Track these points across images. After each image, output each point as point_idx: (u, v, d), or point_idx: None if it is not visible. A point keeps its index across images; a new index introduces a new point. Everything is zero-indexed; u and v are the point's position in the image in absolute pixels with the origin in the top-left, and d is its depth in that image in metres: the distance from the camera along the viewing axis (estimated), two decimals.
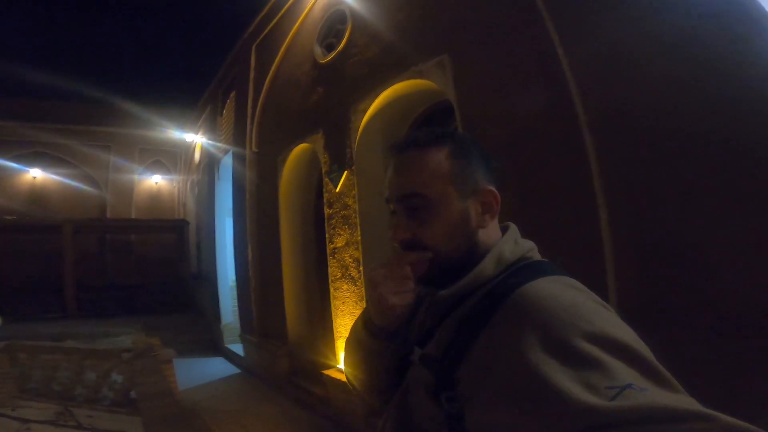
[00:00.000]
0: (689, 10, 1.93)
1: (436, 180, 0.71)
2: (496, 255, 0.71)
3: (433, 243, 0.70)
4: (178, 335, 8.24)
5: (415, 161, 0.73)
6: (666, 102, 1.96)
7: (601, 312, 0.57)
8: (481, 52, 3.15)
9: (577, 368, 0.49)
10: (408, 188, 0.72)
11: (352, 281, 4.40)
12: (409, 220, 0.72)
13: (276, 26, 6.53)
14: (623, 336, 0.53)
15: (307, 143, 5.44)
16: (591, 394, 0.46)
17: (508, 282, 0.65)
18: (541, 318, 0.55)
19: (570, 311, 0.55)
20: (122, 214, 12.93)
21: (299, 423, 4.58)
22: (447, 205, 0.71)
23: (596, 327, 0.53)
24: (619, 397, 0.45)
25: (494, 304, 0.62)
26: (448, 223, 0.71)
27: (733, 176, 1.73)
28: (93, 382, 4.87)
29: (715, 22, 1.86)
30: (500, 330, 0.59)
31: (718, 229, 1.77)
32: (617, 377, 0.47)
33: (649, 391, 0.46)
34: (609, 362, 0.49)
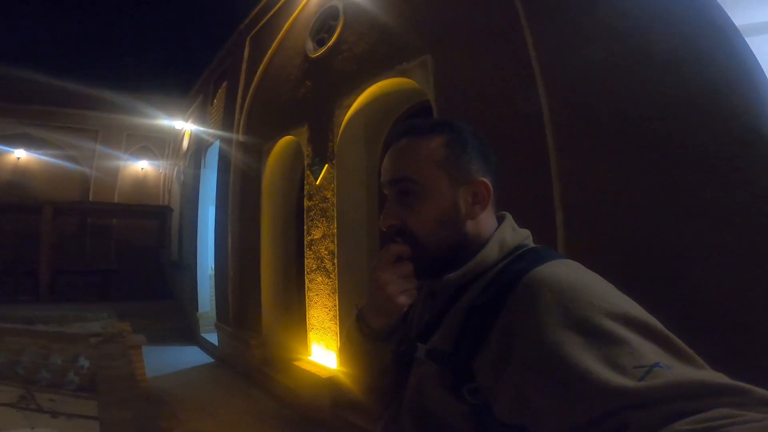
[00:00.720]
0: (653, 25, 1.99)
1: (428, 166, 0.71)
2: (499, 240, 0.70)
3: (420, 230, 0.70)
4: (152, 322, 8.16)
5: (410, 147, 0.73)
6: (626, 109, 2.02)
7: (614, 291, 0.56)
8: (463, 56, 3.20)
9: (602, 347, 0.48)
10: (399, 172, 0.72)
11: (326, 273, 4.41)
12: (399, 206, 0.72)
13: (272, 19, 6.54)
14: (641, 314, 0.52)
15: (293, 136, 5.46)
16: (619, 374, 0.45)
17: (514, 267, 0.64)
18: (559, 298, 0.54)
19: (587, 291, 0.54)
20: (105, 198, 12.74)
21: (267, 413, 4.58)
22: (437, 192, 0.70)
23: (615, 306, 0.52)
24: (648, 377, 0.44)
25: (503, 290, 0.61)
26: (436, 209, 0.70)
27: (684, 178, 1.80)
28: (58, 366, 4.81)
29: (678, 34, 1.92)
30: (516, 316, 0.57)
31: (673, 228, 1.83)
32: (644, 355, 0.47)
33: (675, 368, 0.45)
34: (634, 340, 0.48)
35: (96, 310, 8.32)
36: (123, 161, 13.33)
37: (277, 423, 4.30)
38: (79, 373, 4.69)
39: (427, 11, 3.64)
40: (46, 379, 4.77)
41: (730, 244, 1.64)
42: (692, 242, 1.75)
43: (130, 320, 6.37)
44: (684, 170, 1.80)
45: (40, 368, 4.80)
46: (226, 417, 4.43)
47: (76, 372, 4.71)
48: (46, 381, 4.75)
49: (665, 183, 1.85)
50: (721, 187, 1.69)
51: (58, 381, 4.70)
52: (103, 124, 12.92)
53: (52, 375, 4.77)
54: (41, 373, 4.80)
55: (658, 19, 2.01)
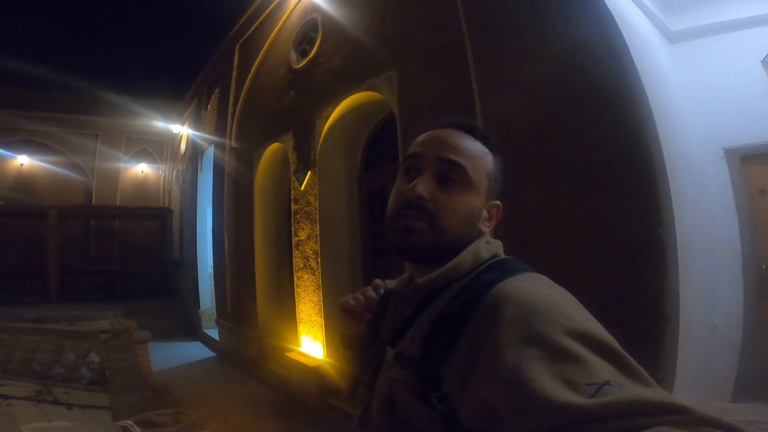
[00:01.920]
0: (570, 61, 2.35)
1: (481, 168, 0.73)
2: (474, 250, 0.71)
3: (447, 215, 0.70)
4: (157, 320, 8.61)
5: (472, 145, 0.74)
6: (537, 128, 2.40)
7: (577, 309, 0.58)
8: (421, 72, 3.55)
9: (558, 363, 0.50)
10: (456, 156, 0.71)
11: (312, 271, 4.81)
12: (436, 185, 0.71)
13: (259, 27, 6.81)
14: (599, 332, 0.54)
15: (280, 143, 5.82)
16: (571, 390, 0.47)
17: (484, 278, 0.66)
18: (522, 314, 0.55)
19: (549, 307, 0.55)
20: (107, 202, 13.15)
21: (263, 402, 5.01)
22: (477, 193, 0.72)
23: (575, 323, 0.54)
24: (599, 394, 0.46)
25: (472, 301, 0.62)
26: (470, 206, 0.71)
27: (574, 189, 2.17)
28: (72, 361, 5.23)
29: (579, 62, 2.29)
30: (481, 328, 0.59)
31: (565, 233, 2.21)
32: (596, 373, 0.48)
33: (626, 387, 0.47)
34: (588, 358, 0.50)
35: (102, 309, 8.76)
36: (123, 164, 13.72)
37: (270, 408, 4.73)
38: (91, 368, 5.10)
39: (392, 29, 3.97)
40: (60, 374, 5.19)
41: (609, 250, 2.01)
42: (584, 247, 2.13)
43: (135, 318, 6.79)
44: (577, 186, 2.18)
45: (55, 364, 5.22)
46: (224, 404, 4.88)
47: (88, 367, 5.12)
48: (61, 376, 5.17)
49: (564, 197, 2.23)
50: (601, 197, 2.07)
51: (72, 376, 5.12)
52: (102, 128, 13.28)
53: (65, 370, 5.19)
54: (56, 368, 5.22)
55: (570, 57, 2.37)
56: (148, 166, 14.31)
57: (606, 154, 2.16)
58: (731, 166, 3.26)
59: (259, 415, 4.54)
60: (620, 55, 2.21)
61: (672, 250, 1.93)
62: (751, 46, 3.20)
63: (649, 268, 1.96)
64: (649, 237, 1.96)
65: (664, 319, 1.90)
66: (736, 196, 3.23)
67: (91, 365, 5.13)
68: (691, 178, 2.79)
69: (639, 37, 2.81)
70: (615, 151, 2.14)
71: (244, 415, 4.53)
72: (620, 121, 2.13)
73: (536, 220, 2.41)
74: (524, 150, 2.52)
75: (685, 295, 2.04)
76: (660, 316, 1.90)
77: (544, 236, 2.35)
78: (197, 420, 4.19)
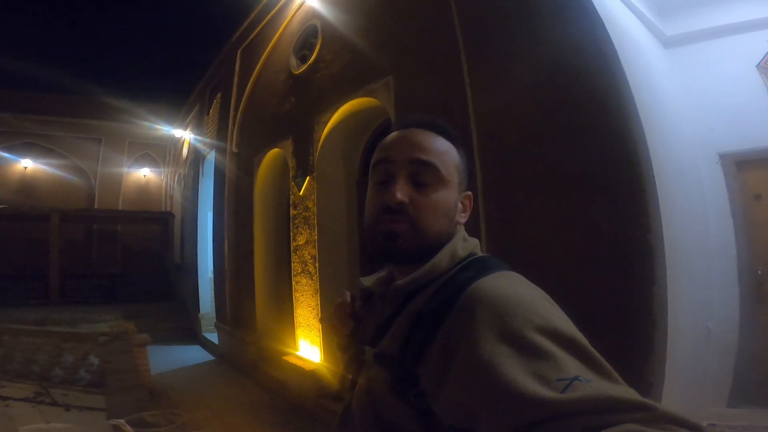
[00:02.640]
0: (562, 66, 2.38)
1: (450, 163, 0.74)
2: (451, 250, 0.72)
3: (426, 213, 0.71)
4: (157, 323, 8.62)
5: (437, 141, 0.75)
6: (529, 137, 2.42)
7: (549, 306, 0.60)
8: (418, 78, 3.58)
9: (530, 359, 0.51)
10: (425, 155, 0.72)
11: (309, 276, 4.83)
12: (411, 187, 0.72)
13: (260, 33, 6.88)
14: (569, 329, 0.55)
15: (279, 148, 5.86)
16: (543, 386, 0.48)
17: (460, 276, 0.67)
18: (495, 312, 0.56)
19: (522, 305, 0.57)
20: (110, 205, 13.23)
21: (261, 405, 5.02)
22: (450, 188, 0.74)
23: (546, 320, 0.55)
24: (569, 389, 0.47)
25: (449, 299, 0.64)
26: (446, 201, 0.73)
27: (566, 198, 2.19)
28: (71, 363, 5.25)
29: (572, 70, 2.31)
30: (457, 326, 0.60)
31: (558, 239, 2.23)
32: (566, 369, 0.49)
33: (594, 382, 0.48)
34: (559, 354, 0.51)
35: (103, 312, 8.82)
36: (126, 168, 13.81)
37: (267, 412, 4.74)
38: (90, 370, 5.13)
39: (389, 35, 4.02)
40: (59, 376, 5.22)
41: (597, 255, 2.03)
42: (574, 251, 2.15)
43: (135, 321, 6.81)
44: (566, 191, 2.20)
45: (54, 366, 5.25)
46: (222, 407, 4.88)
47: (87, 369, 5.15)
48: (59, 378, 5.19)
49: (553, 201, 2.25)
50: (590, 201, 2.08)
51: (70, 378, 5.15)
52: (106, 133, 13.39)
53: (64, 372, 5.22)
54: (55, 370, 5.25)
55: (561, 62, 2.40)
56: (151, 170, 14.41)
57: (595, 158, 2.18)
58: (726, 172, 3.27)
59: (257, 418, 4.55)
60: (609, 61, 2.23)
61: (660, 255, 1.94)
62: (746, 51, 3.22)
63: (637, 273, 1.97)
64: (637, 242, 1.98)
65: (652, 324, 1.91)
66: (731, 202, 3.24)
67: (90, 367, 5.15)
68: (683, 183, 2.81)
69: (632, 42, 2.83)
70: (604, 156, 2.16)
71: (241, 418, 4.54)
72: (609, 126, 2.15)
73: (525, 224, 2.43)
74: (516, 154, 2.55)
75: (675, 300, 2.05)
76: (648, 321, 1.91)
77: (533, 240, 2.37)
78: (194, 422, 4.21)
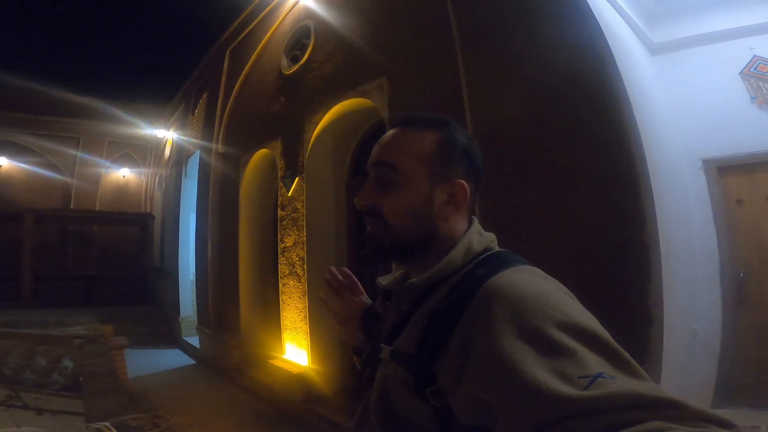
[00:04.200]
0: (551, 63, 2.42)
1: (412, 158, 0.72)
2: (466, 245, 0.72)
3: (389, 215, 0.72)
4: (135, 326, 8.39)
5: (401, 136, 0.75)
6: (525, 137, 2.45)
7: (568, 301, 0.58)
8: (412, 79, 3.60)
9: (551, 357, 0.50)
10: (383, 156, 0.74)
11: (297, 278, 4.77)
12: (375, 189, 0.74)
13: (250, 33, 6.82)
14: (591, 324, 0.54)
15: (268, 149, 5.79)
16: (565, 383, 0.47)
17: (477, 272, 0.66)
18: (514, 308, 0.55)
19: (541, 300, 0.55)
20: (87, 206, 12.85)
21: (244, 409, 4.90)
22: (414, 184, 0.72)
23: (567, 316, 0.54)
24: (592, 387, 0.45)
25: (465, 296, 0.63)
26: (408, 201, 0.71)
27: (564, 197, 2.22)
28: (43, 367, 5.05)
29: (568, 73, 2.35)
30: (474, 323, 0.59)
31: (554, 238, 2.25)
32: (589, 366, 0.48)
33: (618, 379, 0.47)
34: (580, 351, 0.50)
35: (78, 315, 8.53)
36: (104, 169, 13.45)
37: (252, 417, 4.63)
38: (63, 374, 4.93)
39: (384, 36, 4.03)
40: (31, 379, 5.01)
41: (594, 253, 2.05)
42: (569, 251, 2.17)
43: (112, 324, 6.61)
44: (560, 191, 2.22)
45: (25, 369, 5.03)
46: (203, 412, 4.75)
47: (60, 372, 4.95)
48: (31, 381, 4.98)
49: (548, 201, 2.28)
50: (586, 201, 2.11)
51: (43, 381, 4.94)
52: (84, 132, 13.03)
53: (36, 375, 5.01)
54: (26, 373, 5.04)
55: (557, 64, 2.43)
56: (130, 170, 14.06)
57: (590, 158, 2.21)
58: (709, 177, 3.37)
59: (241, 423, 4.43)
60: (606, 64, 2.28)
61: (656, 252, 1.98)
62: (730, 58, 3.33)
63: (633, 271, 2.00)
64: (632, 240, 2.01)
65: (650, 322, 1.93)
66: (713, 206, 3.33)
67: (64, 371, 4.96)
68: (670, 187, 2.87)
69: (623, 47, 2.90)
70: (599, 156, 2.20)
71: (225, 423, 4.42)
72: (605, 127, 2.19)
73: (522, 224, 2.44)
74: (511, 155, 2.57)
75: (668, 300, 2.08)
76: (646, 319, 1.94)
77: (528, 240, 2.39)
78: (175, 427, 4.08)
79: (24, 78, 12.43)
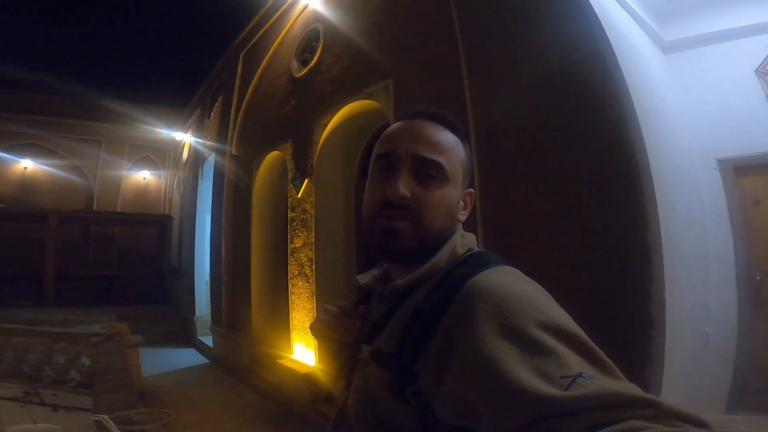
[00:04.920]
0: (553, 66, 2.38)
1: (456, 159, 0.73)
2: (451, 248, 0.72)
3: (429, 210, 0.69)
4: (152, 326, 8.56)
5: (443, 134, 0.73)
6: (528, 139, 2.41)
7: (548, 302, 0.59)
8: (417, 80, 3.59)
9: (533, 356, 0.50)
10: (430, 151, 0.71)
11: (306, 278, 4.80)
12: (415, 183, 0.70)
13: (263, 37, 6.92)
14: (570, 324, 0.54)
15: (279, 151, 5.86)
16: (547, 383, 0.47)
17: (458, 272, 0.66)
18: (496, 307, 0.55)
19: (522, 301, 0.56)
20: (109, 207, 13.19)
21: (253, 408, 4.95)
22: (454, 186, 0.72)
23: (548, 316, 0.54)
24: (573, 387, 0.46)
25: (447, 295, 0.62)
26: (450, 199, 0.72)
27: (566, 199, 2.18)
28: (62, 364, 5.19)
29: (571, 76, 2.31)
30: (455, 322, 0.59)
31: (557, 240, 2.21)
32: (570, 366, 0.48)
33: (597, 379, 0.47)
34: (561, 351, 0.50)
35: (97, 314, 8.75)
36: (125, 171, 13.80)
37: (260, 415, 4.67)
38: (80, 371, 5.06)
39: (390, 38, 4.03)
40: (50, 376, 5.15)
41: (595, 255, 2.01)
42: (570, 251, 2.13)
43: (129, 323, 6.76)
44: (563, 192, 2.18)
45: (44, 366, 5.18)
46: (213, 409, 4.82)
47: (78, 369, 5.09)
48: (50, 378, 5.13)
49: (550, 202, 2.24)
50: (588, 202, 2.07)
51: (61, 378, 5.09)
52: (106, 135, 13.40)
53: (55, 372, 5.16)
54: (45, 370, 5.19)
55: (559, 65, 2.40)
56: (150, 173, 14.39)
57: (592, 159, 2.17)
58: (725, 177, 3.26)
59: (248, 421, 4.48)
60: (608, 65, 2.23)
61: (657, 255, 1.92)
62: (745, 56, 3.22)
63: (635, 272, 1.95)
64: (634, 242, 1.96)
65: (650, 324, 1.88)
66: (729, 207, 3.22)
67: (81, 368, 5.09)
68: (681, 188, 2.79)
69: (631, 46, 2.84)
70: (602, 158, 2.15)
71: (232, 421, 4.47)
72: (607, 126, 2.14)
73: (524, 225, 2.41)
74: (514, 156, 2.54)
75: (674, 305, 2.02)
76: (646, 321, 1.89)
77: (531, 241, 2.35)
78: (184, 424, 4.14)
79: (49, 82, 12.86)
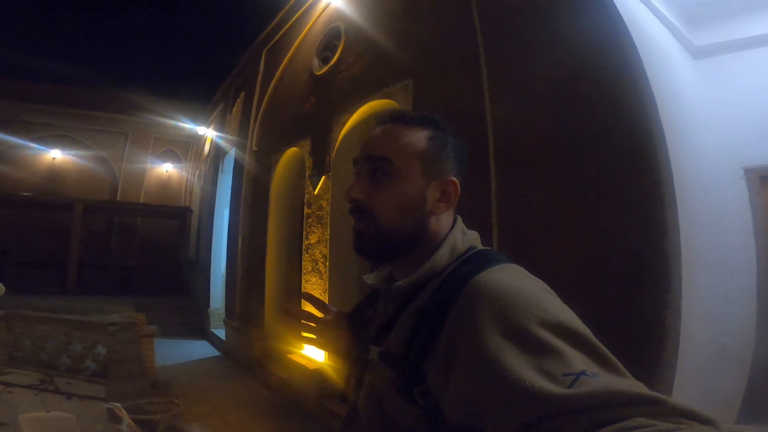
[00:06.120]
0: (575, 73, 2.33)
1: (407, 152, 0.72)
2: (450, 245, 0.72)
3: (382, 210, 0.71)
4: (167, 317, 8.72)
5: (395, 131, 0.74)
6: (547, 144, 2.37)
7: (551, 299, 0.59)
8: (437, 81, 3.57)
9: (536, 355, 0.50)
10: (378, 151, 0.73)
11: (320, 274, 4.82)
12: (368, 184, 0.73)
13: (285, 34, 6.98)
14: (574, 322, 0.54)
15: (298, 147, 5.90)
16: (550, 381, 0.47)
17: (461, 271, 0.66)
18: (498, 307, 0.55)
19: (525, 299, 0.55)
20: (132, 199, 13.52)
21: (262, 402, 4.99)
22: (409, 179, 0.71)
23: (550, 314, 0.54)
24: (576, 384, 0.46)
25: (451, 295, 0.62)
26: (403, 195, 0.71)
27: (584, 204, 2.13)
28: (78, 352, 5.31)
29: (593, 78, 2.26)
30: (459, 322, 0.59)
31: (574, 245, 2.16)
32: (573, 364, 0.48)
33: (601, 377, 0.47)
34: (564, 349, 0.50)
35: (116, 303, 8.94)
36: (149, 163, 14.13)
37: (268, 409, 4.71)
38: (96, 360, 5.17)
39: (411, 38, 4.01)
40: (66, 364, 5.27)
41: (611, 261, 1.95)
42: (586, 257, 2.08)
43: (146, 313, 6.89)
44: (581, 197, 2.13)
45: (62, 354, 5.31)
46: (223, 402, 4.88)
47: (93, 358, 5.19)
48: (66, 366, 5.25)
49: (568, 207, 2.19)
50: (606, 207, 2.02)
51: (77, 367, 5.19)
52: (133, 128, 13.75)
53: (71, 361, 5.27)
54: (62, 358, 5.31)
55: (580, 67, 2.35)
56: (173, 165, 14.70)
57: (612, 164, 2.11)
58: (750, 187, 3.14)
59: (256, 415, 4.52)
60: (633, 69, 2.18)
61: (676, 263, 1.86)
62: None
63: (651, 280, 1.89)
64: (652, 249, 1.90)
65: (665, 333, 1.82)
66: (754, 217, 3.11)
67: (97, 357, 5.20)
68: (705, 195, 2.70)
69: (659, 51, 2.76)
70: (622, 163, 2.09)
71: (241, 414, 4.52)
72: (628, 131, 2.09)
73: (539, 228, 2.36)
74: (531, 158, 2.50)
75: (690, 311, 1.96)
76: (660, 330, 1.83)
77: (546, 245, 2.31)
78: (194, 415, 4.20)
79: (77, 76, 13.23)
